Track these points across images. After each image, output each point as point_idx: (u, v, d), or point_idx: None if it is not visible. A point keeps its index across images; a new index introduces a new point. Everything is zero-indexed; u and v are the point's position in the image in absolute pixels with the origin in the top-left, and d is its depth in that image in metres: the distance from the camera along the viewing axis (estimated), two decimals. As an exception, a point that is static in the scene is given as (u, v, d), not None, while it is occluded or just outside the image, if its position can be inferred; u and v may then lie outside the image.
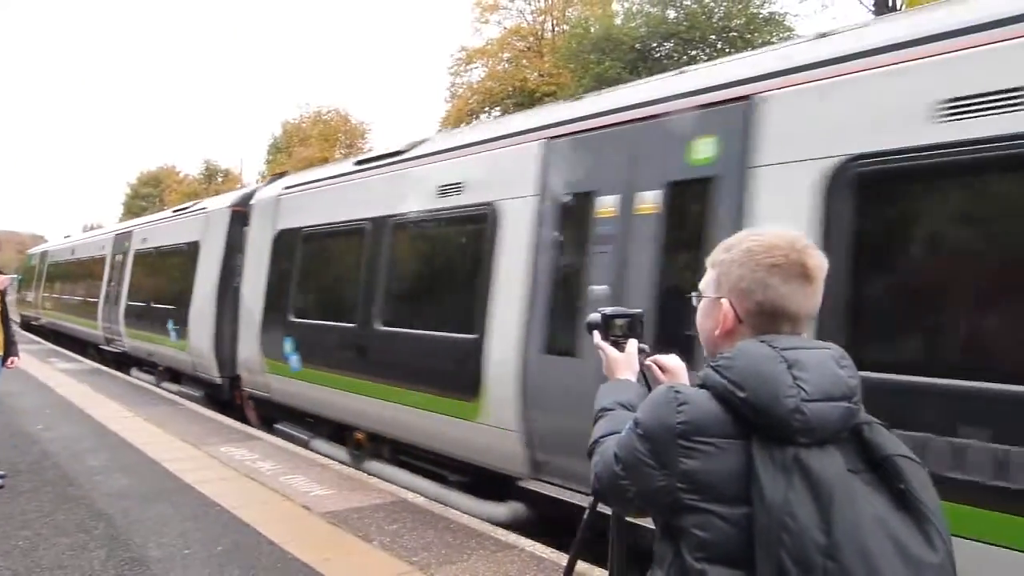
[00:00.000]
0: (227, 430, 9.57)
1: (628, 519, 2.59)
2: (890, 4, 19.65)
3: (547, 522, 5.72)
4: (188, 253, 13.04)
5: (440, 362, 6.46)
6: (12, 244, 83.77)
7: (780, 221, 3.85)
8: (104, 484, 6.51)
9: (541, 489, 5.59)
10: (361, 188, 8.25)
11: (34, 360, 17.30)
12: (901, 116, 3.70)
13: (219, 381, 11.54)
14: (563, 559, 5.00)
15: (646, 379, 1.99)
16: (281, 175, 12.06)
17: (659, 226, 4.90)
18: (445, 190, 6.74)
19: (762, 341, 1.45)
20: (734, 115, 4.47)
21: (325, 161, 34.72)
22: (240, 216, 11.34)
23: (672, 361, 1.96)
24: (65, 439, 8.39)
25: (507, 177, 6.06)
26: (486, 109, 34.39)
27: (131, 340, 15.99)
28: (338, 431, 8.53)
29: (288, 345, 8.91)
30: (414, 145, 7.77)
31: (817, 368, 1.40)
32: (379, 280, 7.50)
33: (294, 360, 8.77)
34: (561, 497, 5.35)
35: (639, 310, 2.11)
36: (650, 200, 4.98)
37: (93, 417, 9.92)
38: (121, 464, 7.29)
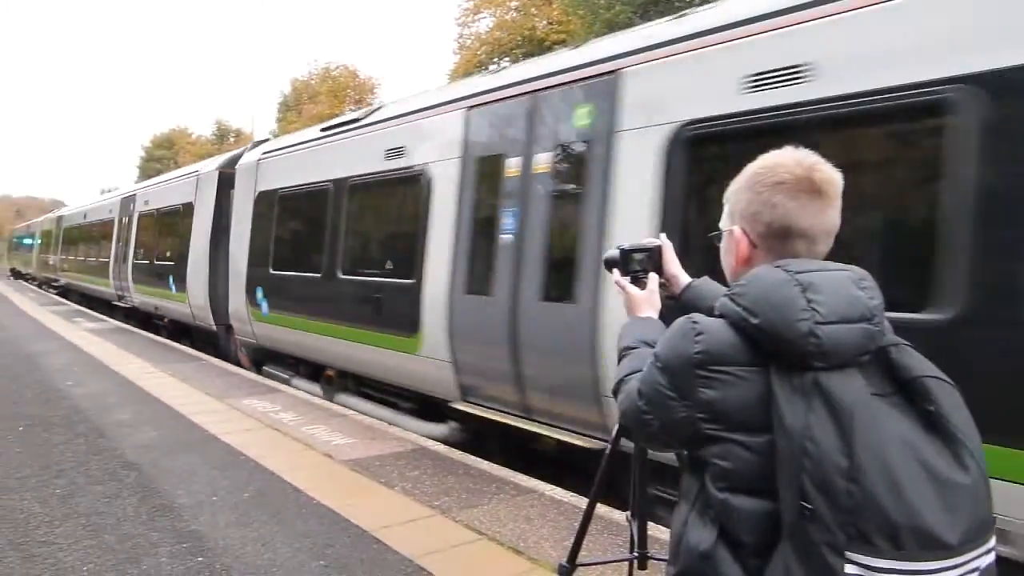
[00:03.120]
0: (249, 383, 9.76)
1: (648, 460, 2.68)
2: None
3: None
4: (183, 213, 14.12)
5: None
6: (34, 209, 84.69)
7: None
8: (133, 436, 6.70)
9: None
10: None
11: (60, 320, 17.63)
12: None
13: (215, 329, 12.79)
14: (581, 502, 5.12)
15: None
16: (262, 141, 13.00)
17: None
18: None
19: (776, 266, 1.44)
20: None
21: (334, 117, 34.49)
22: (227, 178, 12.33)
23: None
24: (94, 395, 8.60)
25: None
26: (495, 60, 33.92)
27: (139, 295, 16.97)
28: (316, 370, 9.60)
29: (261, 295, 10.20)
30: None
31: (833, 290, 1.37)
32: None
33: (265, 307, 10.13)
34: None
35: (657, 243, 2.05)
36: None
37: (120, 373, 10.14)
38: (148, 417, 7.48)
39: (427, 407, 7.34)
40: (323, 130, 9.67)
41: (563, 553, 4.22)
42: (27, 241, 45.18)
